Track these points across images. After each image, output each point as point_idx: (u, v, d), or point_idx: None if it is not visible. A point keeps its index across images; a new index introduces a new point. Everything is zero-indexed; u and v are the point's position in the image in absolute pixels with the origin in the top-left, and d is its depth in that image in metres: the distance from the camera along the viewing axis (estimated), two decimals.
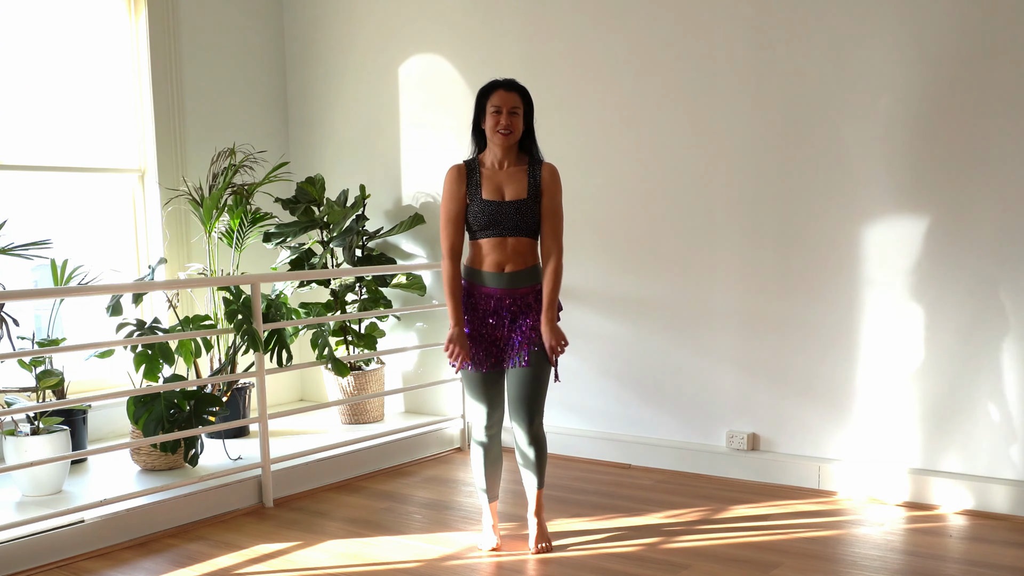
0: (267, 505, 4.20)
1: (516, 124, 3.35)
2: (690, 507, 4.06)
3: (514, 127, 3.35)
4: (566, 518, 3.94)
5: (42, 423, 4.01)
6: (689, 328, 4.61)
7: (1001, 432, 3.90)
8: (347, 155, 5.67)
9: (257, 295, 4.21)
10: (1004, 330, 3.87)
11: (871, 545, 3.58)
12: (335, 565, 3.50)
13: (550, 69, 4.84)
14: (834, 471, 4.24)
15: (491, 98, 3.36)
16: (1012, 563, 3.37)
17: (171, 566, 3.50)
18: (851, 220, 4.16)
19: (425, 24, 5.28)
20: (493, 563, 3.48)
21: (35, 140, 4.79)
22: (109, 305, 4.40)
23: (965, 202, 3.91)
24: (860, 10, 4.05)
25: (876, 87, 4.04)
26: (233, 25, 5.53)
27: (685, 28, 4.49)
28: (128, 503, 3.81)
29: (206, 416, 4.18)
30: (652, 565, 3.40)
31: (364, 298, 5.27)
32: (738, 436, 4.49)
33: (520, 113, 3.37)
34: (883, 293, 4.12)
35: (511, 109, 3.33)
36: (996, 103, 3.81)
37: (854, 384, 4.21)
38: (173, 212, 5.18)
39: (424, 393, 5.50)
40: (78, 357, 4.56)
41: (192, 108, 5.31)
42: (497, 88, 3.37)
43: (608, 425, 4.89)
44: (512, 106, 3.34)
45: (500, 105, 3.33)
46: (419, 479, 4.64)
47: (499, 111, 3.33)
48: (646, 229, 4.70)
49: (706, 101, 4.47)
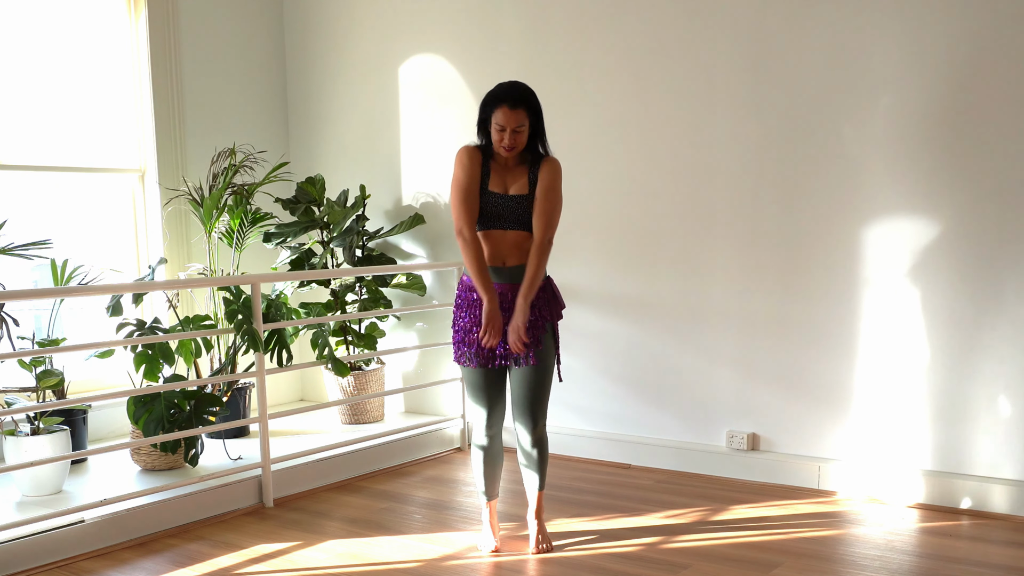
0: (267, 505, 4.21)
1: (520, 141, 3.30)
2: (690, 507, 4.07)
3: (518, 144, 3.30)
4: (566, 518, 3.94)
5: (42, 423, 4.01)
6: (689, 328, 4.62)
7: (1001, 432, 3.90)
8: (347, 155, 5.68)
9: (257, 295, 4.22)
10: (1004, 330, 3.87)
11: (871, 545, 3.58)
12: (335, 565, 3.50)
13: (550, 69, 4.84)
14: (834, 471, 4.24)
15: (495, 114, 3.27)
16: (1012, 563, 3.37)
17: (171, 566, 3.51)
18: (851, 220, 4.16)
19: (425, 24, 5.29)
20: (493, 563, 3.48)
21: (36, 140, 4.79)
22: (109, 305, 4.40)
23: (965, 202, 3.91)
24: (859, 9, 4.05)
25: (876, 87, 4.05)
26: (233, 25, 5.54)
27: (684, 28, 4.49)
28: (128, 503, 3.81)
29: (206, 416, 4.18)
30: (652, 565, 3.41)
31: (364, 298, 5.28)
32: (738, 436, 4.49)
33: (525, 128, 3.29)
34: (883, 293, 4.12)
35: (515, 128, 3.27)
36: (997, 102, 3.82)
37: (854, 384, 4.22)
38: (173, 212, 5.19)
39: (424, 393, 5.50)
40: (78, 357, 4.56)
41: (192, 108, 5.31)
42: (502, 104, 3.25)
43: (608, 425, 4.90)
44: (516, 125, 3.26)
45: (504, 124, 3.26)
46: (419, 479, 4.64)
47: (503, 130, 3.27)
48: (646, 229, 4.70)
49: (705, 101, 4.47)
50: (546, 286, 3.46)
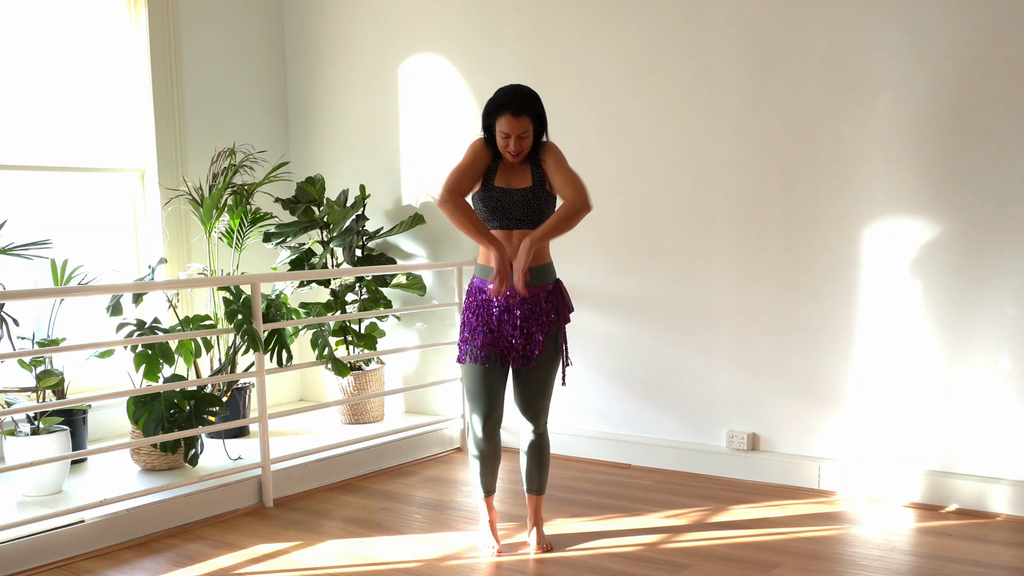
0: (267, 505, 4.21)
1: (526, 146, 3.32)
2: (690, 507, 4.07)
3: (524, 148, 3.32)
4: (566, 518, 3.95)
5: (42, 423, 4.02)
6: (689, 328, 4.62)
7: (1001, 432, 3.91)
8: (347, 155, 5.68)
9: (257, 295, 4.22)
10: (1002, 330, 3.87)
11: (871, 545, 3.59)
12: (335, 565, 3.51)
13: (549, 70, 4.85)
14: (834, 471, 4.25)
15: (499, 122, 3.29)
16: (1012, 563, 3.37)
17: (171, 566, 3.51)
18: (851, 220, 4.17)
19: (424, 24, 5.30)
20: (493, 563, 3.48)
21: (36, 140, 4.80)
22: (109, 305, 4.40)
23: (964, 201, 3.92)
24: (859, 10, 4.06)
25: (875, 87, 4.05)
26: (233, 26, 5.54)
27: (684, 28, 4.50)
28: (128, 503, 3.82)
29: (206, 416, 4.19)
30: (652, 565, 3.41)
31: (364, 298, 5.28)
32: (738, 436, 4.50)
33: (529, 135, 3.31)
34: (883, 293, 4.13)
35: (520, 135, 3.29)
36: (996, 103, 3.82)
37: (854, 384, 4.22)
38: (173, 212, 5.20)
39: (424, 393, 5.51)
40: (78, 357, 4.57)
41: (192, 108, 5.32)
42: (505, 112, 3.26)
43: (608, 425, 4.90)
44: (521, 132, 3.28)
45: (509, 132, 3.28)
46: (419, 479, 4.65)
47: (508, 136, 3.29)
48: (647, 230, 4.71)
49: (705, 102, 4.48)
50: (555, 289, 3.46)
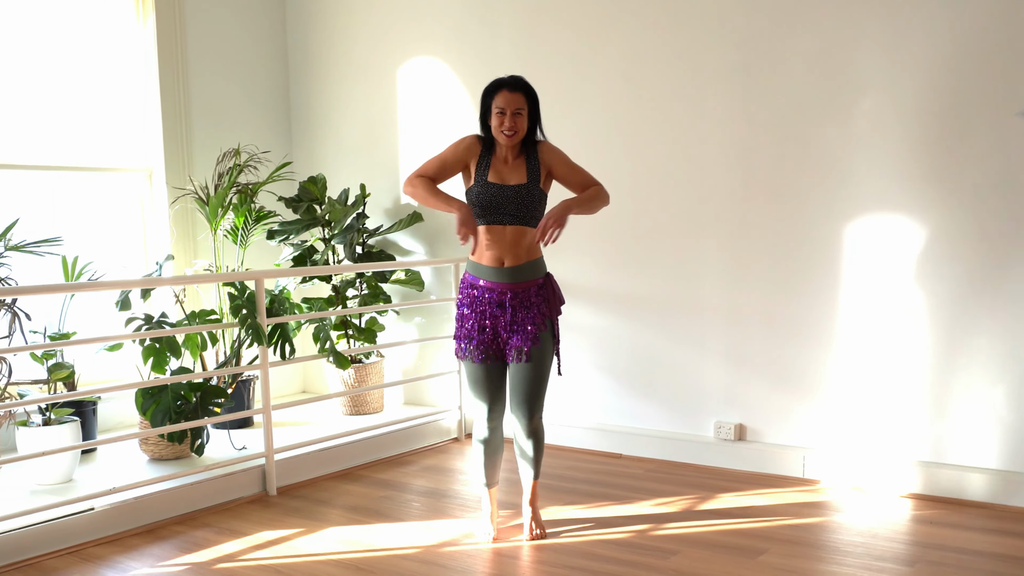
0: (270, 493, 4.25)
1: (520, 125, 3.33)
2: (679, 495, 4.11)
3: (518, 127, 3.33)
4: (559, 506, 3.98)
5: (53, 414, 4.06)
6: (679, 322, 4.68)
7: (980, 422, 3.96)
8: (348, 155, 5.73)
9: (261, 291, 4.26)
10: (983, 323, 3.93)
11: (854, 532, 3.62)
12: (336, 551, 3.53)
13: (546, 71, 4.88)
14: (818, 460, 4.30)
15: (495, 98, 3.32)
16: (990, 549, 3.41)
17: (178, 552, 3.55)
18: (836, 217, 4.22)
19: (423, 28, 5.34)
20: (489, 549, 3.52)
21: (47, 141, 4.83)
22: (118, 300, 4.45)
23: (945, 199, 3.97)
24: (846, 13, 4.11)
25: (859, 89, 4.10)
26: (238, 30, 5.58)
27: (676, 31, 4.55)
28: (136, 491, 3.84)
29: (212, 407, 4.22)
30: (642, 551, 3.44)
31: (364, 293, 5.31)
32: (726, 426, 4.56)
33: (524, 113, 3.34)
34: (866, 288, 4.18)
35: (515, 111, 3.31)
36: (980, 102, 3.86)
37: (838, 376, 4.28)
38: (180, 210, 5.24)
39: (422, 385, 5.55)
40: (88, 350, 4.60)
41: (198, 110, 5.35)
42: (501, 88, 3.32)
43: (600, 416, 4.96)
44: (516, 107, 3.31)
45: (504, 107, 3.30)
46: (417, 468, 4.68)
47: (503, 112, 3.31)
48: (638, 227, 4.76)
49: (696, 101, 4.52)
50: (546, 283, 3.45)
